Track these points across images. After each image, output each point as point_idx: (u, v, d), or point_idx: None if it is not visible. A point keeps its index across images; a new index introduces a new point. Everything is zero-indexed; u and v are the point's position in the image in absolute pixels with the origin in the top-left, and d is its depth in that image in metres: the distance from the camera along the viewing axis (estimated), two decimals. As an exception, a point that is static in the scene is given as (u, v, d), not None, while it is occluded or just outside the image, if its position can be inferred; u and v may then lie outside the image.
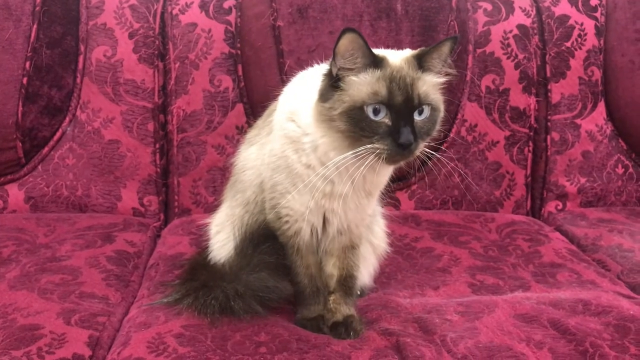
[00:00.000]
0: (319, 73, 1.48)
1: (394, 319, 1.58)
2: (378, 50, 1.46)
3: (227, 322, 1.51)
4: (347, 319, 1.55)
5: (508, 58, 2.37)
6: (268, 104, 1.73)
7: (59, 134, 2.26)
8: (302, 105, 1.50)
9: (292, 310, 1.62)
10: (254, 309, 1.52)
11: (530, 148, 2.41)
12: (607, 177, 2.47)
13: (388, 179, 1.60)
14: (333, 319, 1.56)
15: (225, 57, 2.29)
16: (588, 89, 2.43)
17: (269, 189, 1.59)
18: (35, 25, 2.19)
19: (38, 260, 1.83)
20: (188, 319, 1.53)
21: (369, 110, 1.38)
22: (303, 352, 1.43)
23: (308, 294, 1.59)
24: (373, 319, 1.59)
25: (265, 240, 1.60)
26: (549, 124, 2.41)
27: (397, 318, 1.59)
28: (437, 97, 1.46)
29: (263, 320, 1.53)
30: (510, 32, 2.38)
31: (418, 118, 1.41)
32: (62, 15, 2.25)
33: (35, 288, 1.68)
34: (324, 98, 1.42)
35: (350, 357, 1.43)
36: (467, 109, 2.36)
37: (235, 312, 1.51)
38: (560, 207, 2.45)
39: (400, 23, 2.27)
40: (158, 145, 2.29)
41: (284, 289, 1.57)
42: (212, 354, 1.41)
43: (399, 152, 1.38)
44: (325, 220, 1.57)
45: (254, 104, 2.27)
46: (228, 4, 2.31)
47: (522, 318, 1.59)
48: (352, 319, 1.55)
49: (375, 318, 1.59)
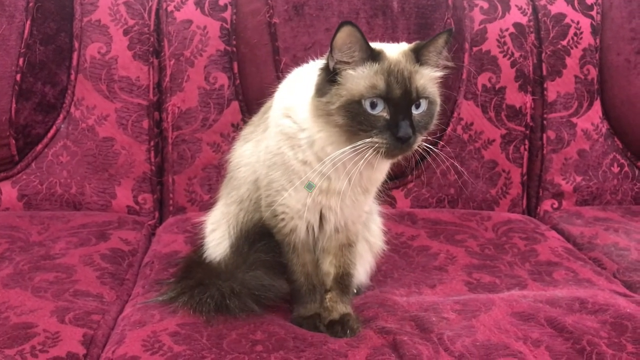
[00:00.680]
0: (315, 69, 1.47)
1: (391, 317, 1.57)
2: (375, 44, 1.45)
3: (222, 320, 1.50)
4: (343, 317, 1.55)
5: (504, 56, 2.36)
6: (264, 102, 1.72)
7: (53, 131, 2.24)
8: (298, 101, 1.49)
9: (288, 309, 1.61)
10: (250, 307, 1.51)
11: (526, 146, 2.41)
12: (602, 175, 2.47)
13: (385, 176, 1.59)
14: (330, 317, 1.55)
15: (221, 54, 2.28)
16: (584, 88, 2.43)
17: (265, 187, 1.58)
18: (29, 22, 2.18)
19: (32, 258, 1.82)
20: (183, 318, 1.52)
21: (367, 104, 1.37)
22: (299, 350, 1.43)
23: (304, 292, 1.58)
24: (370, 317, 1.58)
25: (261, 238, 1.59)
26: (545, 123, 2.41)
27: (393, 316, 1.58)
28: (434, 90, 1.45)
29: (259, 319, 1.52)
30: (507, 30, 2.37)
31: (416, 112, 1.41)
32: (55, 12, 2.23)
33: (29, 286, 1.66)
34: (321, 93, 1.41)
35: (347, 355, 1.42)
36: (463, 107, 2.36)
37: (231, 310, 1.50)
38: (556, 205, 2.45)
39: (397, 20, 2.26)
40: (153, 143, 2.27)
41: (280, 287, 1.56)
42: (207, 353, 1.40)
43: (398, 146, 1.37)
44: (322, 218, 1.56)
45: (250, 102, 2.26)
46: (223, 1, 2.29)
47: (519, 316, 1.59)
48: (348, 317, 1.55)
49: (372, 316, 1.59)
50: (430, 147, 1.51)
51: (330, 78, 1.40)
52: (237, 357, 1.39)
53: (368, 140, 1.37)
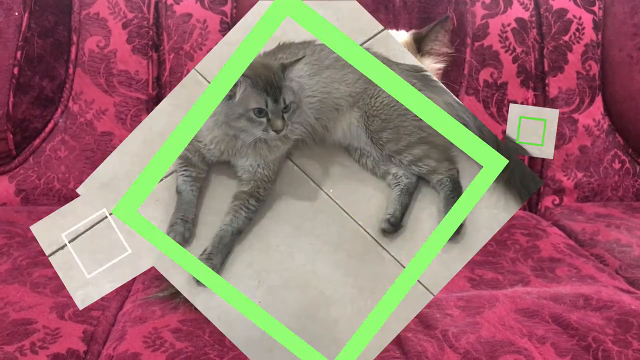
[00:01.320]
0: None
1: (394, 314, 1.56)
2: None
3: (225, 316, 1.49)
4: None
5: (506, 52, 2.35)
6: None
7: (51, 126, 2.22)
8: None
9: (290, 305, 1.59)
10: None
11: (528, 142, 2.40)
12: (604, 172, 2.46)
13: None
14: (332, 314, 1.54)
15: (221, 48, 2.26)
16: (586, 84, 2.42)
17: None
18: (27, 14, 2.15)
19: (30, 254, 1.79)
20: (185, 314, 1.50)
21: None
22: (303, 347, 1.41)
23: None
24: (373, 314, 1.57)
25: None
26: (547, 119, 2.40)
27: (397, 313, 1.57)
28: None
29: (261, 315, 1.51)
30: (509, 25, 2.36)
31: None
32: (54, 4, 2.20)
33: (27, 282, 1.64)
34: None
35: (351, 352, 1.40)
36: (464, 103, 2.33)
37: (234, 306, 1.49)
38: (557, 202, 2.44)
39: (399, 15, 2.25)
40: (152, 138, 2.25)
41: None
42: (210, 349, 1.38)
43: None
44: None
45: (250, 96, 2.24)
46: (223, -5, 2.28)
47: (523, 313, 1.58)
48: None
49: (375, 313, 1.57)
50: None
51: None
52: (239, 354, 1.38)
53: None
